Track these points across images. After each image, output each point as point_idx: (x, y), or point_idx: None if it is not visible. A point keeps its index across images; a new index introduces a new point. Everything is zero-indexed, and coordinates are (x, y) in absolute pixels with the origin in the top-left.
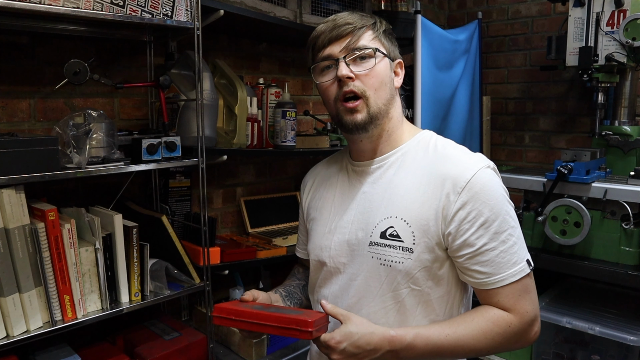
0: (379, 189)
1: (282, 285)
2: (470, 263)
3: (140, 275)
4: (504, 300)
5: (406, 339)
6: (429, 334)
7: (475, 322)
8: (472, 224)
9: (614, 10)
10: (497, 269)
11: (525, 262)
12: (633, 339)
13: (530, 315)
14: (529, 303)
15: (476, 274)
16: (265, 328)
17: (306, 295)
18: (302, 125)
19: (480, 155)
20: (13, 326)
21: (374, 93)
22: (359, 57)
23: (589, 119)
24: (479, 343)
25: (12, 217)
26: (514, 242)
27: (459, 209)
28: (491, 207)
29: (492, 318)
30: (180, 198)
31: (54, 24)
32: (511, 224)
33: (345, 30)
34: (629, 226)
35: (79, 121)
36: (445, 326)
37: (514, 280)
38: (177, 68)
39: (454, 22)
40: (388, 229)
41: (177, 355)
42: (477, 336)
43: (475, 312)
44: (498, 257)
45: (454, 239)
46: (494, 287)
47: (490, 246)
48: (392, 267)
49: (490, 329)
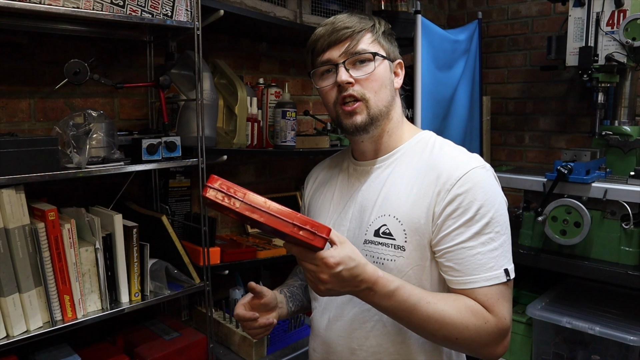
0: (375, 187)
1: (285, 284)
2: (446, 259)
3: (140, 275)
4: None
5: (389, 286)
6: (411, 292)
7: (456, 305)
8: (456, 220)
9: (614, 10)
10: (471, 269)
11: (503, 270)
12: (633, 339)
13: (506, 323)
14: (506, 310)
15: (450, 270)
16: (273, 220)
17: (307, 298)
18: (302, 125)
19: (477, 156)
20: (13, 326)
21: (374, 95)
22: (358, 61)
23: (589, 119)
24: (453, 324)
25: (12, 217)
26: (495, 247)
27: (447, 205)
28: (479, 206)
29: (473, 308)
30: (180, 198)
31: (54, 24)
32: (496, 229)
33: (344, 34)
34: (629, 226)
35: (79, 121)
36: (429, 295)
37: (485, 285)
38: (177, 68)
39: (454, 22)
40: (381, 227)
41: (177, 355)
42: (454, 317)
43: (461, 298)
44: (474, 257)
45: (437, 232)
46: (463, 287)
47: (468, 245)
48: (384, 265)
49: (467, 317)
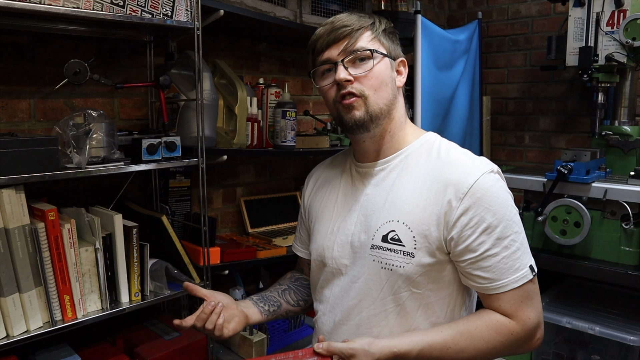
0: (382, 191)
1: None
2: (473, 268)
3: (140, 275)
4: (505, 306)
5: (411, 354)
6: (431, 347)
7: (478, 331)
8: (474, 230)
9: (614, 10)
10: (499, 274)
11: (529, 267)
12: (633, 339)
13: (532, 322)
14: (531, 309)
15: (478, 279)
16: None
17: (286, 299)
18: (302, 125)
19: (485, 160)
20: (13, 326)
21: (374, 93)
22: (357, 59)
23: (589, 119)
24: (480, 352)
25: (12, 217)
26: (517, 247)
27: (461, 215)
28: (494, 212)
29: (495, 326)
30: (180, 198)
31: (54, 24)
32: (515, 229)
33: (342, 32)
34: (629, 226)
35: (79, 121)
36: (448, 335)
37: (516, 286)
38: (177, 68)
39: (454, 22)
40: (390, 233)
41: (177, 355)
42: (479, 346)
43: (478, 318)
44: (500, 262)
45: (457, 244)
46: (496, 292)
47: (493, 252)
48: (393, 271)
49: (492, 337)
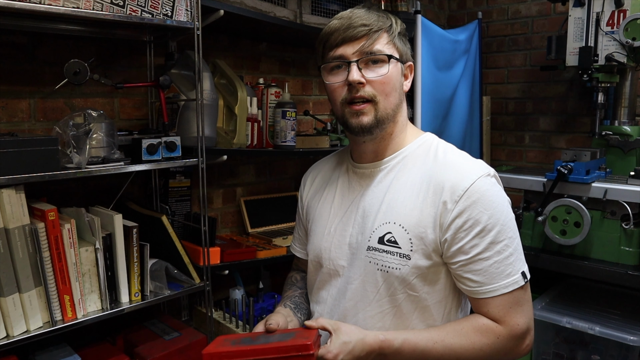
0: (379, 193)
1: (287, 297)
2: (463, 271)
3: (140, 275)
4: (494, 311)
5: (394, 344)
6: (417, 340)
7: (464, 332)
8: (467, 233)
9: (614, 10)
10: (489, 278)
11: (521, 274)
12: (633, 339)
13: (521, 328)
14: (520, 316)
15: (468, 282)
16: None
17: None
18: (302, 125)
19: (482, 163)
20: (13, 326)
21: (384, 99)
22: (371, 61)
23: (589, 119)
24: (466, 352)
25: (12, 217)
26: (510, 253)
27: (455, 217)
28: (489, 216)
29: (481, 328)
30: (180, 198)
31: (54, 24)
32: (509, 235)
33: (360, 31)
34: (629, 226)
35: (79, 121)
36: (435, 334)
37: (506, 292)
38: (177, 68)
39: (454, 22)
40: (386, 235)
41: (177, 355)
42: (464, 345)
43: (466, 320)
44: (492, 267)
45: (450, 246)
46: (485, 296)
47: (484, 255)
48: (389, 272)
49: (478, 339)
